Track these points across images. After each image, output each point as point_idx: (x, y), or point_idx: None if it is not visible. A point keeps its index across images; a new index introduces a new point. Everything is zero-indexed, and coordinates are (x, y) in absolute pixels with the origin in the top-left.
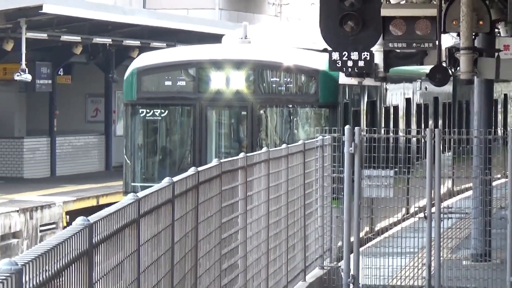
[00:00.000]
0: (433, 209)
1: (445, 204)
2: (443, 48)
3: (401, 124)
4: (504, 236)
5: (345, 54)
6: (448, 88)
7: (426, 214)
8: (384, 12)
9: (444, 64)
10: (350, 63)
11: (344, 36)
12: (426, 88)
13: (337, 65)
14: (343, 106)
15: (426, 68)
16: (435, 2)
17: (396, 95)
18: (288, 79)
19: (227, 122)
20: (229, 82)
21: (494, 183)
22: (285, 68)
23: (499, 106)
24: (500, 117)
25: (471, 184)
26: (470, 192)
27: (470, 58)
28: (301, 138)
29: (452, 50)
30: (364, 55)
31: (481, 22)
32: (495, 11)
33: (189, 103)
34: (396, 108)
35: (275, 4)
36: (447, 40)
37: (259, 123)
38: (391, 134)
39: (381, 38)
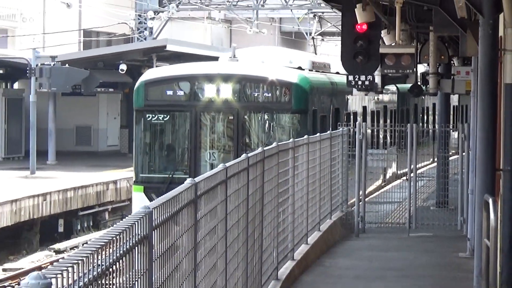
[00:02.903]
0: (412, 174)
1: (419, 171)
2: (418, 73)
3: None
4: (456, 191)
5: (356, 76)
6: (394, 98)
7: (407, 177)
8: (381, 50)
9: (419, 83)
10: (360, 83)
11: (356, 65)
12: (378, 99)
13: (352, 83)
14: (312, 112)
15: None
16: (413, 44)
17: (355, 103)
18: (267, 90)
19: (217, 125)
20: (219, 92)
21: (450, 158)
22: (264, 81)
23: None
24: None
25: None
26: (435, 164)
27: (436, 79)
28: (277, 138)
29: (424, 74)
30: (368, 77)
31: (442, 57)
32: (451, 49)
33: (186, 109)
34: (355, 113)
35: (313, 45)
36: (421, 68)
37: (243, 126)
38: (385, 127)
39: (379, 66)
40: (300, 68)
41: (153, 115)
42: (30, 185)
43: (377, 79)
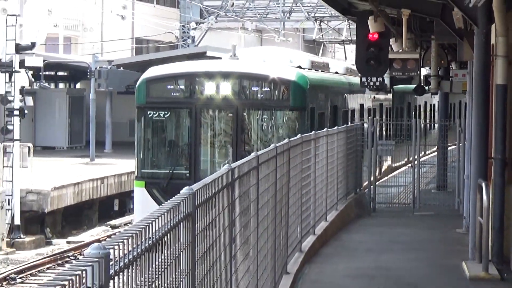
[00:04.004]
0: (416, 162)
1: (422, 158)
2: (422, 75)
3: (356, 121)
4: (454, 176)
5: (369, 78)
6: (389, 97)
7: (412, 164)
8: (390, 56)
9: (422, 84)
10: (372, 83)
11: (368, 69)
12: (374, 97)
13: (365, 84)
14: (309, 109)
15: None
16: (417, 51)
17: (353, 101)
18: (266, 87)
19: (217, 122)
20: (218, 90)
21: (449, 148)
22: (263, 78)
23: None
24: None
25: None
26: (435, 153)
27: (436, 81)
28: (276, 134)
29: (427, 76)
30: (379, 79)
31: (442, 61)
32: (450, 55)
33: (186, 106)
34: (352, 111)
35: (332, 51)
36: (424, 71)
37: (243, 122)
38: (392, 122)
39: (388, 70)
40: (299, 67)
41: (154, 112)
42: (90, 170)
43: (387, 81)
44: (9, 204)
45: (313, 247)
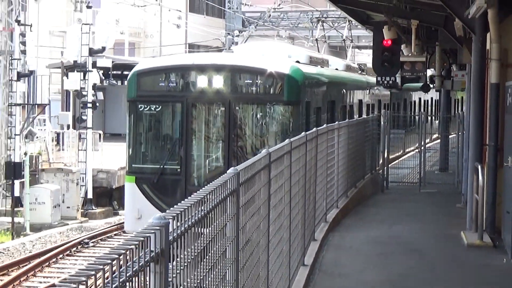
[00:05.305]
0: (422, 147)
1: (427, 145)
2: (427, 75)
3: (355, 116)
4: (454, 160)
5: (384, 77)
6: (387, 93)
7: (419, 149)
8: (401, 59)
9: (428, 82)
10: (385, 82)
11: (383, 70)
12: (373, 93)
13: (380, 83)
14: (304, 104)
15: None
16: (424, 55)
17: (351, 97)
18: (260, 81)
19: (209, 116)
20: (211, 83)
21: (450, 136)
22: (257, 72)
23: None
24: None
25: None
26: (439, 140)
27: (440, 80)
28: (269, 129)
29: (432, 76)
30: (392, 78)
31: (445, 64)
32: (451, 58)
33: (178, 100)
34: (351, 106)
35: (351, 55)
36: (429, 72)
37: (235, 117)
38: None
39: (399, 70)
40: (298, 62)
41: (146, 106)
42: None
43: (398, 80)
44: (83, 181)
45: (336, 218)
